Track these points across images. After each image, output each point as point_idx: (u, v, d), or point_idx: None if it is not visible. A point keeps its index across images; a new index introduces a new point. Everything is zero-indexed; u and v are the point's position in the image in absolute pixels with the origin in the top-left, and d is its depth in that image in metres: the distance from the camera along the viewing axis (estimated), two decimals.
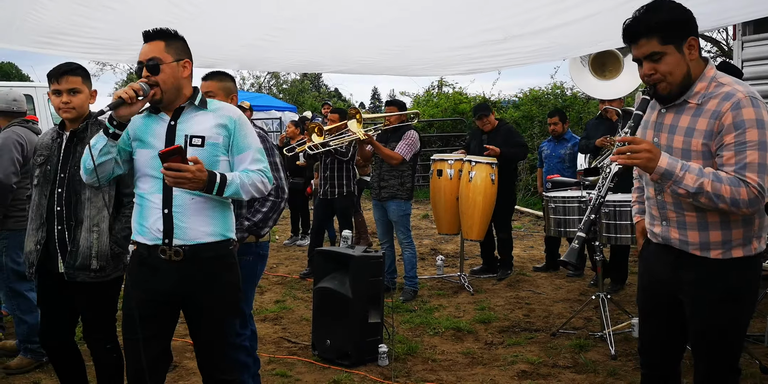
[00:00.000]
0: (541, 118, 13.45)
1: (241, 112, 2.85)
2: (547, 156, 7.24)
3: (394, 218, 6.08)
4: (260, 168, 2.78)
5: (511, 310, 5.75)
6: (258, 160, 2.79)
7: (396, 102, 6.44)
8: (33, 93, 10.79)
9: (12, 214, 4.31)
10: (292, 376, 4.31)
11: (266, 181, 2.78)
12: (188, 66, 2.79)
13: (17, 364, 4.40)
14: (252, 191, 2.73)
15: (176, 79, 2.73)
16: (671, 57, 2.40)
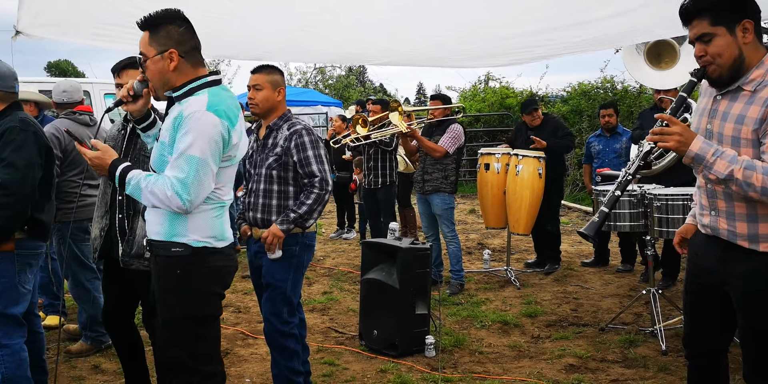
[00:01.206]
0: (590, 113, 13.26)
1: (202, 111, 2.42)
2: (600, 151, 7.08)
3: (437, 212, 6.08)
4: (175, 175, 2.38)
5: (559, 304, 5.71)
6: (177, 167, 2.38)
7: (441, 96, 6.45)
8: (90, 89, 11.09)
9: (60, 206, 4.37)
10: (339, 365, 4.37)
11: (172, 194, 2.36)
12: (174, 56, 2.49)
13: (78, 349, 4.56)
14: (151, 199, 2.42)
15: (161, 73, 2.53)
16: (721, 39, 2.37)
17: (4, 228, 3.07)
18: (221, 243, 2.58)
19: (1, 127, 3.16)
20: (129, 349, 3.58)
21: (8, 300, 3.19)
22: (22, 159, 3.09)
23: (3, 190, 3.03)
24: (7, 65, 3.35)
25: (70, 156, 4.43)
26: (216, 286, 2.59)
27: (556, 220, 6.91)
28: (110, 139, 3.45)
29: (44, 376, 3.58)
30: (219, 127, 2.42)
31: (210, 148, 2.40)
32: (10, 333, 3.22)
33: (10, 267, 3.18)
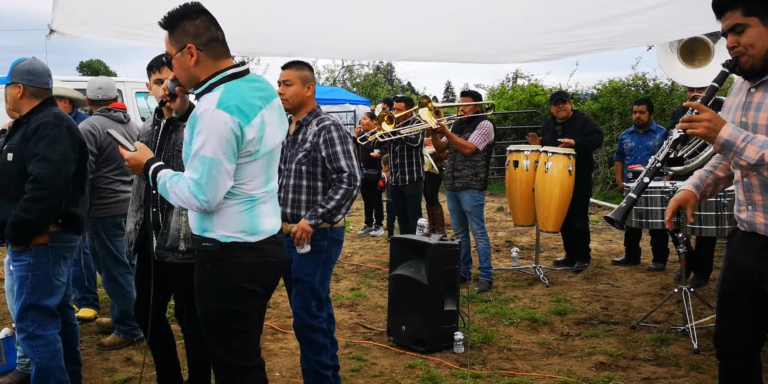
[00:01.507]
0: (621, 110, 13.11)
1: (212, 109, 2.37)
2: (632, 148, 6.99)
3: (467, 208, 6.07)
4: (190, 176, 2.38)
5: (589, 302, 5.65)
6: (192, 167, 2.39)
7: (471, 92, 6.42)
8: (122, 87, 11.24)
9: (94, 202, 4.46)
10: (368, 360, 4.37)
11: (189, 194, 2.37)
12: (192, 51, 2.47)
13: (110, 342, 4.64)
14: (174, 199, 2.45)
15: (185, 70, 2.53)
16: (754, 29, 2.35)
17: (38, 221, 3.13)
18: (254, 237, 2.54)
19: (36, 122, 3.22)
20: (160, 342, 3.62)
21: (43, 292, 3.25)
22: (55, 153, 3.15)
23: (37, 183, 3.10)
24: (41, 62, 3.41)
25: (105, 152, 4.49)
26: (246, 281, 2.54)
27: (585, 218, 6.85)
28: (144, 135, 3.50)
29: (78, 367, 3.64)
30: (230, 125, 2.35)
31: (221, 147, 2.35)
32: (45, 324, 3.28)
33: (45, 260, 3.24)
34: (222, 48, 2.52)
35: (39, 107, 3.32)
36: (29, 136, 3.20)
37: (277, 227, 2.65)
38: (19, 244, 3.22)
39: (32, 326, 3.25)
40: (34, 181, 3.10)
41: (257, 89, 2.53)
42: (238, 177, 2.47)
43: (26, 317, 3.25)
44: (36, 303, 3.24)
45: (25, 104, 3.33)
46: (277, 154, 2.69)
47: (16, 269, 3.26)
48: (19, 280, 3.25)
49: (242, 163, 2.46)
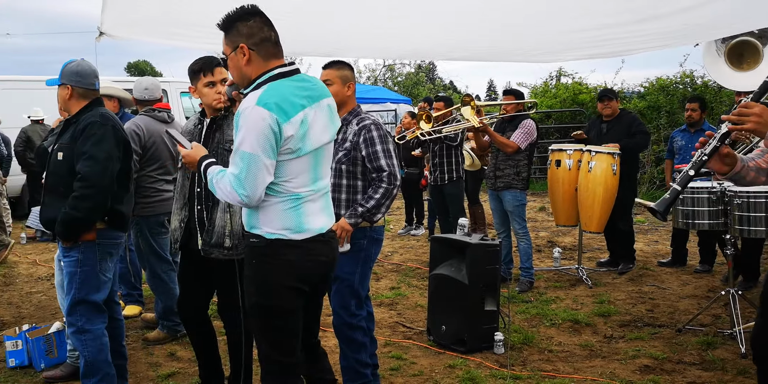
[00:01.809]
0: (668, 109, 12.85)
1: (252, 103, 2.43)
2: (682, 147, 6.81)
3: (509, 208, 6.02)
4: (232, 171, 2.45)
5: (633, 304, 5.56)
6: (234, 163, 2.45)
7: (514, 91, 6.37)
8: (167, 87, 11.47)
9: (138, 200, 4.54)
10: (407, 359, 4.38)
11: (231, 189, 2.45)
12: (244, 50, 2.52)
13: (154, 337, 4.74)
14: (219, 194, 2.53)
15: (238, 69, 2.59)
16: None
17: (85, 218, 3.22)
18: (299, 235, 2.56)
19: (84, 122, 3.31)
20: (202, 338, 3.69)
21: (90, 287, 3.34)
22: (102, 152, 3.23)
23: (84, 182, 3.18)
24: (88, 64, 3.50)
25: (149, 152, 4.59)
26: (289, 279, 2.58)
27: (629, 218, 6.73)
28: (186, 134, 3.56)
29: (123, 361, 3.72)
30: (267, 121, 2.39)
31: (260, 143, 2.40)
32: (93, 319, 3.37)
33: (92, 256, 3.33)
34: (273, 48, 2.57)
35: (87, 107, 3.41)
36: (77, 136, 3.29)
37: (325, 226, 2.67)
38: (68, 241, 3.31)
39: (81, 320, 3.34)
40: (82, 179, 3.19)
41: (303, 88, 2.57)
42: (280, 174, 2.50)
43: (75, 312, 3.35)
44: (84, 298, 3.33)
45: (74, 104, 3.43)
46: (327, 153, 2.72)
47: (66, 265, 3.36)
48: (69, 276, 3.34)
49: (284, 160, 2.49)
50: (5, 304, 5.94)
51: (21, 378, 4.18)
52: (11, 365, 4.33)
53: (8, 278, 6.93)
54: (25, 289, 6.49)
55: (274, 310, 2.61)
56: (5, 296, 6.21)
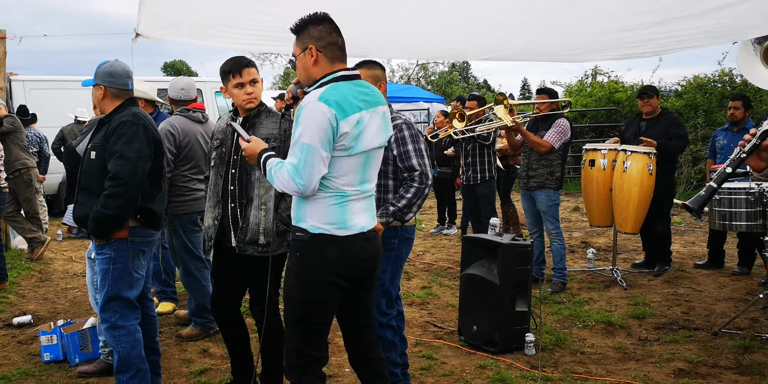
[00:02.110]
0: (706, 107, 12.61)
1: (314, 101, 2.57)
2: (724, 146, 6.65)
3: (542, 208, 5.96)
4: (290, 161, 2.58)
5: (669, 306, 5.46)
6: (293, 153, 2.59)
7: (547, 90, 6.30)
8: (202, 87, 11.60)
9: (172, 199, 4.60)
10: (438, 359, 4.36)
11: (288, 178, 2.57)
12: (313, 52, 2.68)
13: (188, 334, 4.79)
14: (276, 183, 2.65)
15: (305, 69, 2.75)
16: None
17: (116, 216, 3.26)
18: (342, 231, 2.67)
19: (116, 122, 3.36)
20: (235, 335, 3.72)
21: (123, 284, 3.38)
22: (133, 151, 3.27)
23: (115, 180, 3.22)
24: (121, 64, 3.54)
25: (184, 152, 4.64)
26: (327, 273, 2.69)
27: (667, 219, 6.60)
28: (219, 132, 3.59)
29: (157, 356, 3.77)
30: (326, 115, 2.53)
31: (318, 135, 2.54)
32: (126, 315, 3.42)
33: (125, 253, 3.37)
34: (339, 52, 2.74)
35: (120, 107, 3.46)
36: (110, 135, 3.33)
37: (367, 225, 2.77)
38: (101, 239, 3.36)
39: (114, 317, 3.39)
40: (113, 177, 3.23)
41: (362, 93, 2.71)
42: (331, 170, 2.63)
43: (108, 308, 3.39)
44: (117, 294, 3.38)
45: (108, 104, 3.48)
46: (377, 158, 2.81)
47: (99, 262, 3.40)
48: (102, 273, 3.39)
49: (337, 157, 2.62)
50: (41, 300, 6.06)
51: (55, 372, 4.26)
52: (46, 359, 4.41)
53: (44, 274, 7.08)
54: (60, 285, 6.62)
55: (310, 302, 2.72)
56: (41, 292, 6.34)
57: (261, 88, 3.51)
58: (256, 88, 3.46)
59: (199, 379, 4.08)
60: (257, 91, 3.47)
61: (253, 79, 3.45)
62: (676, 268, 6.67)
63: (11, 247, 8.13)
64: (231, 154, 3.47)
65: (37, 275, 7.01)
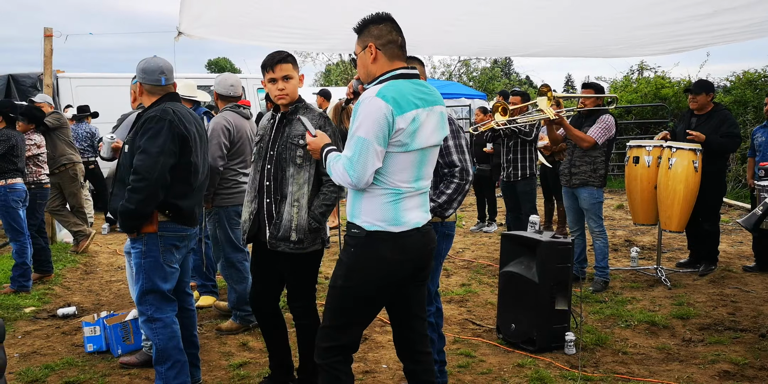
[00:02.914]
0: (755, 103, 12.26)
1: (371, 97, 2.61)
2: (762, 143, 6.46)
3: (585, 206, 5.85)
4: (346, 154, 2.64)
5: (714, 307, 5.32)
6: (349, 147, 2.64)
7: (593, 85, 6.13)
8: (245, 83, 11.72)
9: (219, 192, 4.73)
10: (476, 357, 4.32)
11: (343, 171, 2.63)
12: (372, 50, 2.75)
13: (227, 327, 4.84)
14: (334, 176, 2.70)
15: (364, 66, 2.80)
16: None
17: (138, 210, 3.28)
18: (397, 227, 2.70)
19: (144, 117, 3.40)
20: (273, 329, 3.74)
21: (156, 277, 3.42)
22: (155, 146, 3.28)
23: (136, 175, 3.25)
24: (156, 61, 3.57)
25: (235, 147, 4.74)
26: (378, 272, 2.73)
27: (716, 218, 6.40)
28: (261, 128, 3.60)
29: (195, 349, 3.81)
30: (383, 111, 2.58)
31: (373, 129, 2.58)
32: (162, 307, 3.46)
33: (155, 248, 3.41)
34: (398, 51, 2.79)
35: (157, 102, 3.49)
36: (138, 130, 3.37)
37: (421, 221, 2.79)
38: (129, 232, 3.40)
39: (150, 309, 3.43)
40: (134, 172, 3.26)
41: (420, 92, 2.74)
42: (387, 166, 2.67)
43: (145, 301, 3.44)
44: (152, 288, 3.42)
45: (146, 100, 3.52)
46: (433, 156, 2.83)
47: (133, 256, 3.45)
48: (136, 267, 3.44)
49: (392, 152, 2.66)
50: (85, 292, 6.19)
51: (98, 362, 4.35)
52: (89, 350, 4.51)
53: (89, 267, 7.23)
54: (105, 277, 6.76)
55: (355, 295, 2.76)
56: (86, 284, 6.48)
57: (296, 84, 3.47)
58: (288, 84, 3.43)
59: (238, 372, 4.12)
60: (289, 88, 3.43)
61: (286, 75, 3.42)
62: (723, 267, 6.50)
63: (57, 241, 8.34)
64: (268, 149, 3.48)
65: (81, 268, 7.16)
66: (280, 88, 3.43)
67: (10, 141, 5.82)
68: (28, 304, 5.72)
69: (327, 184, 3.46)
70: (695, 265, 6.53)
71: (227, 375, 4.10)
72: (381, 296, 2.82)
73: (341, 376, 2.81)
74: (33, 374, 4.12)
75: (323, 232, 3.53)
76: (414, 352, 2.99)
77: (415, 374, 3.00)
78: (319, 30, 5.54)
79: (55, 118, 7.34)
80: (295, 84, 3.47)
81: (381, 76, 2.75)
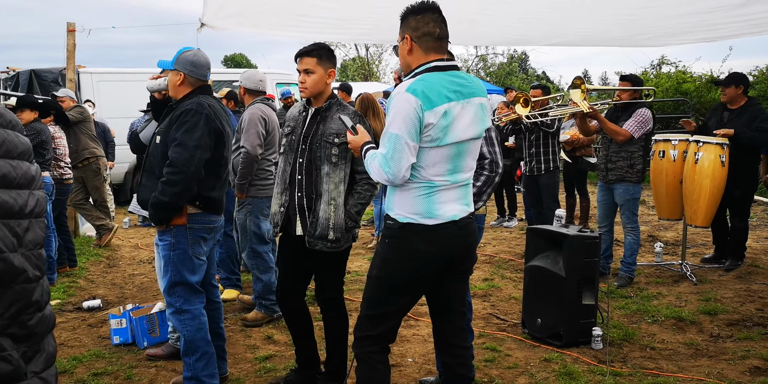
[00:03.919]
0: None
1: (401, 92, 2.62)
2: None
3: (620, 202, 5.76)
4: (381, 151, 2.66)
5: (742, 303, 5.25)
6: (383, 144, 2.65)
7: (631, 77, 5.97)
8: None
9: (254, 182, 4.79)
10: (502, 352, 4.30)
11: (379, 167, 2.65)
12: (408, 41, 2.74)
13: (253, 318, 4.85)
14: (372, 173, 2.72)
15: (402, 57, 2.80)
16: None
17: (171, 203, 3.27)
18: (429, 220, 2.69)
19: (180, 109, 3.38)
20: (299, 322, 3.73)
21: (185, 269, 3.42)
22: (192, 140, 3.27)
23: (172, 167, 3.25)
24: (204, 55, 3.56)
25: (269, 137, 4.85)
26: (412, 263, 2.73)
27: (744, 214, 6.30)
28: (291, 120, 3.59)
29: (222, 341, 3.82)
30: (413, 105, 2.57)
31: (405, 125, 2.57)
32: (190, 299, 3.46)
33: (184, 240, 3.41)
34: (435, 43, 2.73)
35: (190, 94, 3.48)
36: (173, 122, 3.36)
37: (458, 214, 2.76)
38: (159, 224, 3.40)
39: (179, 301, 3.43)
40: (170, 165, 3.25)
41: (455, 84, 2.70)
42: (420, 160, 2.66)
43: (173, 293, 3.44)
44: (180, 280, 3.42)
45: (181, 91, 3.51)
46: (473, 149, 2.81)
47: (161, 248, 3.45)
48: (164, 259, 3.44)
49: (425, 147, 2.65)
50: (109, 285, 6.23)
51: (125, 354, 4.36)
52: (116, 342, 4.53)
53: (112, 261, 7.27)
54: (127, 271, 6.79)
55: (389, 283, 2.77)
56: (109, 277, 6.52)
57: (317, 79, 3.40)
58: (309, 78, 3.39)
59: (264, 365, 4.12)
60: (309, 81, 3.39)
61: (307, 69, 3.39)
62: (749, 263, 6.42)
63: (80, 234, 8.39)
64: (300, 143, 3.45)
65: (105, 261, 7.20)
66: (300, 80, 3.43)
67: (41, 135, 5.86)
68: (54, 296, 5.76)
69: (361, 182, 3.45)
70: (720, 260, 6.45)
71: (253, 368, 4.10)
72: (414, 288, 2.81)
73: (378, 366, 2.81)
74: (61, 366, 4.14)
75: (355, 230, 3.52)
76: (450, 346, 2.98)
77: (450, 367, 2.99)
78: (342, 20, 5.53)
79: (78, 112, 7.38)
80: (315, 79, 3.41)
81: (416, 69, 2.73)
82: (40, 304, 1.37)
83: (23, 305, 1.33)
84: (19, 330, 1.32)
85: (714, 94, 12.77)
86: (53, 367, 1.40)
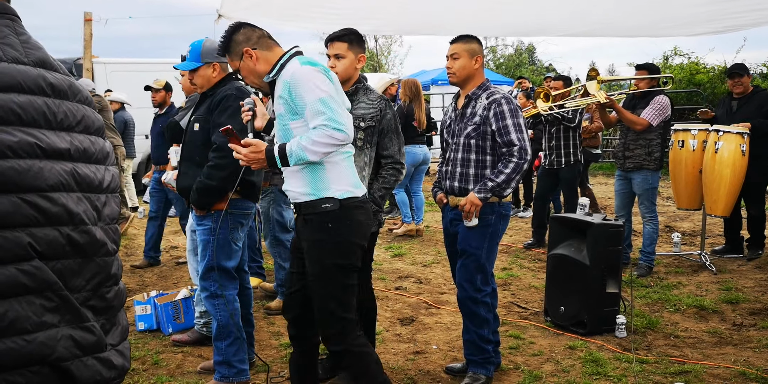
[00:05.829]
0: None
1: (297, 68, 2.62)
2: None
3: (638, 191, 5.76)
4: (320, 122, 2.52)
5: (763, 292, 5.25)
6: (317, 113, 2.54)
7: (647, 66, 5.95)
8: None
9: (277, 171, 4.75)
10: (525, 339, 4.31)
11: (332, 132, 2.51)
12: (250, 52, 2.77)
13: (276, 306, 4.87)
14: (319, 150, 2.55)
15: (253, 71, 2.84)
16: None
17: (219, 187, 3.30)
18: (360, 191, 2.79)
19: (220, 95, 3.39)
20: None
21: (223, 254, 3.44)
22: (237, 124, 3.29)
23: (220, 152, 3.27)
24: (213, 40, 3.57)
25: None
26: (359, 238, 2.78)
27: (761, 203, 6.30)
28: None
29: (251, 328, 3.85)
30: (321, 71, 2.68)
31: (327, 87, 2.64)
32: (225, 285, 3.48)
33: (225, 225, 3.43)
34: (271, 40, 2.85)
35: (222, 81, 3.50)
36: (213, 108, 3.37)
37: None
38: (201, 209, 3.42)
39: (214, 286, 3.46)
40: (217, 149, 3.28)
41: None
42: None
43: (209, 277, 3.46)
44: (217, 264, 3.44)
45: (215, 80, 3.52)
46: None
47: (200, 233, 3.47)
48: (203, 244, 3.46)
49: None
50: (129, 273, 6.25)
51: (150, 340, 4.39)
52: (140, 328, 4.55)
53: (129, 249, 7.31)
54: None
55: (347, 268, 2.77)
56: (127, 266, 6.54)
57: (347, 64, 3.39)
58: (339, 62, 3.38)
59: (289, 352, 4.14)
60: (339, 66, 3.38)
61: (337, 54, 3.39)
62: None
63: None
64: None
65: (122, 250, 7.23)
66: (331, 65, 3.42)
67: None
68: None
69: (386, 167, 3.45)
70: (731, 251, 6.43)
71: (278, 354, 4.13)
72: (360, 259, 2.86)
73: (368, 351, 2.83)
74: None
75: (381, 215, 3.53)
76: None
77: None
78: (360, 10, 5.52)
79: (97, 101, 7.40)
80: (346, 64, 3.40)
81: (279, 61, 2.74)
82: (117, 277, 1.39)
83: (103, 278, 1.35)
84: (98, 302, 1.34)
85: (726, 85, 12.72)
86: (127, 341, 1.42)
